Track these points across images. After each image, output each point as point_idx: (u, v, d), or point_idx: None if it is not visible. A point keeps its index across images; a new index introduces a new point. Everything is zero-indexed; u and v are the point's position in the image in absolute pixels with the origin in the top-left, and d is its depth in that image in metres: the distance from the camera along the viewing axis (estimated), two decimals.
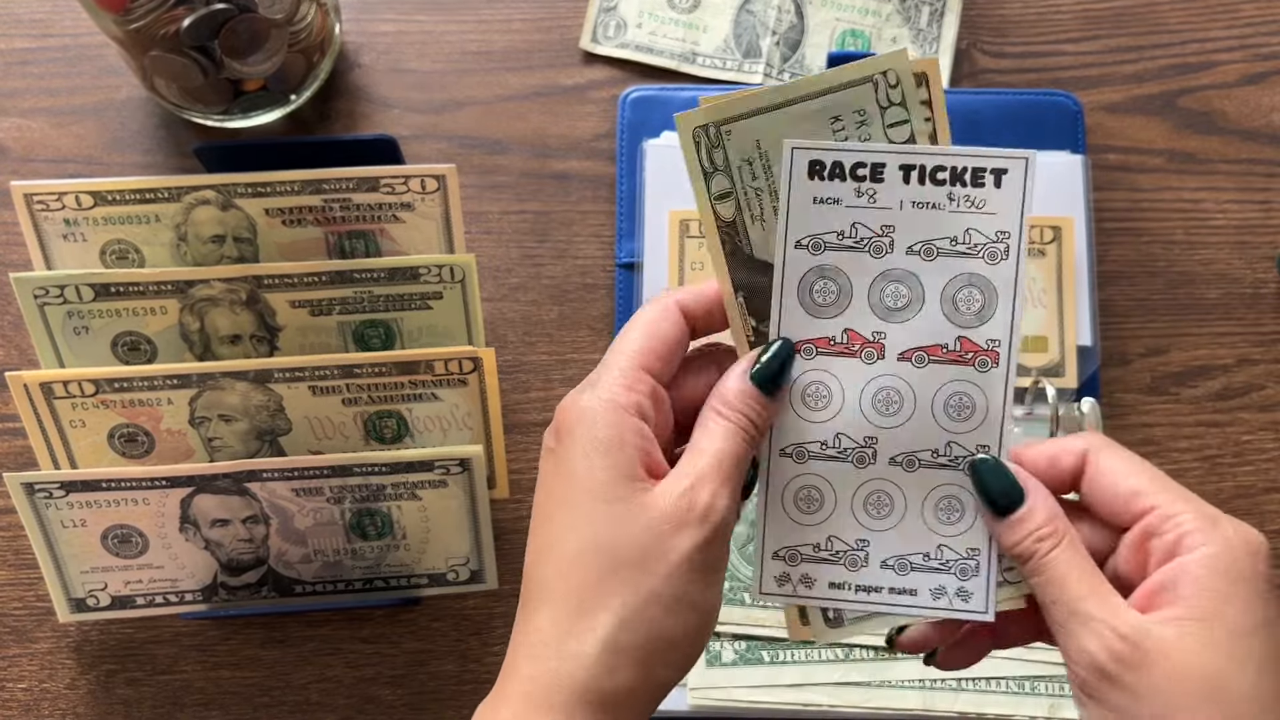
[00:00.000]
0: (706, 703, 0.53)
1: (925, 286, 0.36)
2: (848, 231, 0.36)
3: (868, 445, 0.37)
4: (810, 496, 0.38)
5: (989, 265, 0.36)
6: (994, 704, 0.53)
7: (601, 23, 0.68)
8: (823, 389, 0.37)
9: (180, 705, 0.57)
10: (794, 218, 0.36)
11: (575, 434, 0.36)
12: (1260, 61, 0.68)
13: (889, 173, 0.35)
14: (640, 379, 0.37)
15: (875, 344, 0.37)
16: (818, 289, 0.36)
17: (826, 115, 0.35)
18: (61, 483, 0.53)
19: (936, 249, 0.36)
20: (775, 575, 0.38)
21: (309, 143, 0.60)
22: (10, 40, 0.68)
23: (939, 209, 0.35)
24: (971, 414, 0.37)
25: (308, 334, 0.57)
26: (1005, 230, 0.35)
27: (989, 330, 0.36)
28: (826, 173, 0.35)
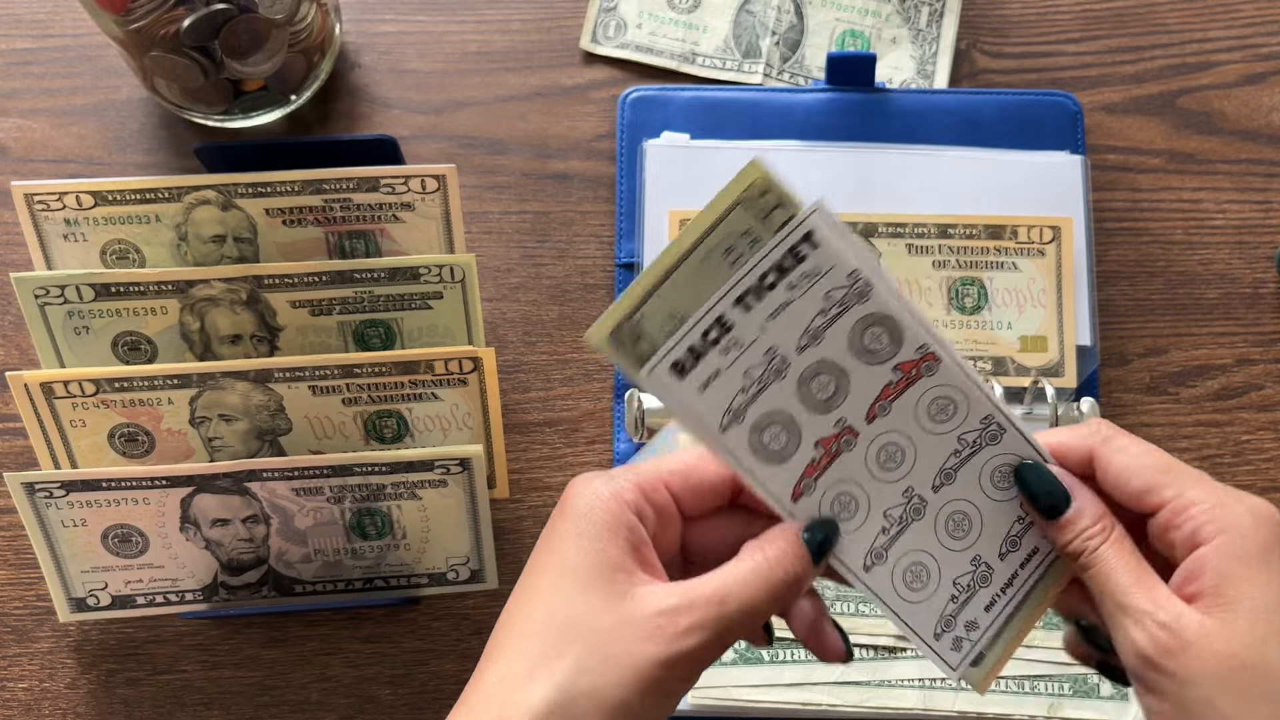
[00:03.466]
0: (706, 702, 0.53)
1: (836, 360, 0.37)
2: (745, 384, 0.36)
3: (909, 497, 0.38)
4: (916, 574, 0.38)
5: (866, 303, 0.36)
6: (993, 703, 0.53)
7: (601, 23, 0.68)
8: (847, 499, 0.38)
9: (180, 705, 0.57)
10: (701, 415, 0.36)
11: (574, 513, 0.37)
12: (1260, 61, 0.68)
13: (730, 315, 0.35)
14: (657, 490, 0.37)
15: (844, 431, 0.37)
16: (768, 441, 0.37)
17: (719, 253, 0.35)
18: (62, 482, 0.53)
19: (818, 330, 0.36)
20: (951, 647, 0.39)
21: (309, 143, 0.60)
22: (11, 40, 0.68)
23: (792, 303, 0.36)
24: (954, 407, 0.38)
25: (308, 334, 0.57)
26: (853, 270, 0.36)
27: (911, 344, 0.37)
28: (688, 363, 0.36)
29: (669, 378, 0.35)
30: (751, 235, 0.35)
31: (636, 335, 0.35)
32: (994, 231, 0.60)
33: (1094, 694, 0.53)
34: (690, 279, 0.35)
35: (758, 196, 0.35)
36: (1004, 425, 0.38)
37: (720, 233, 0.35)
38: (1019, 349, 0.55)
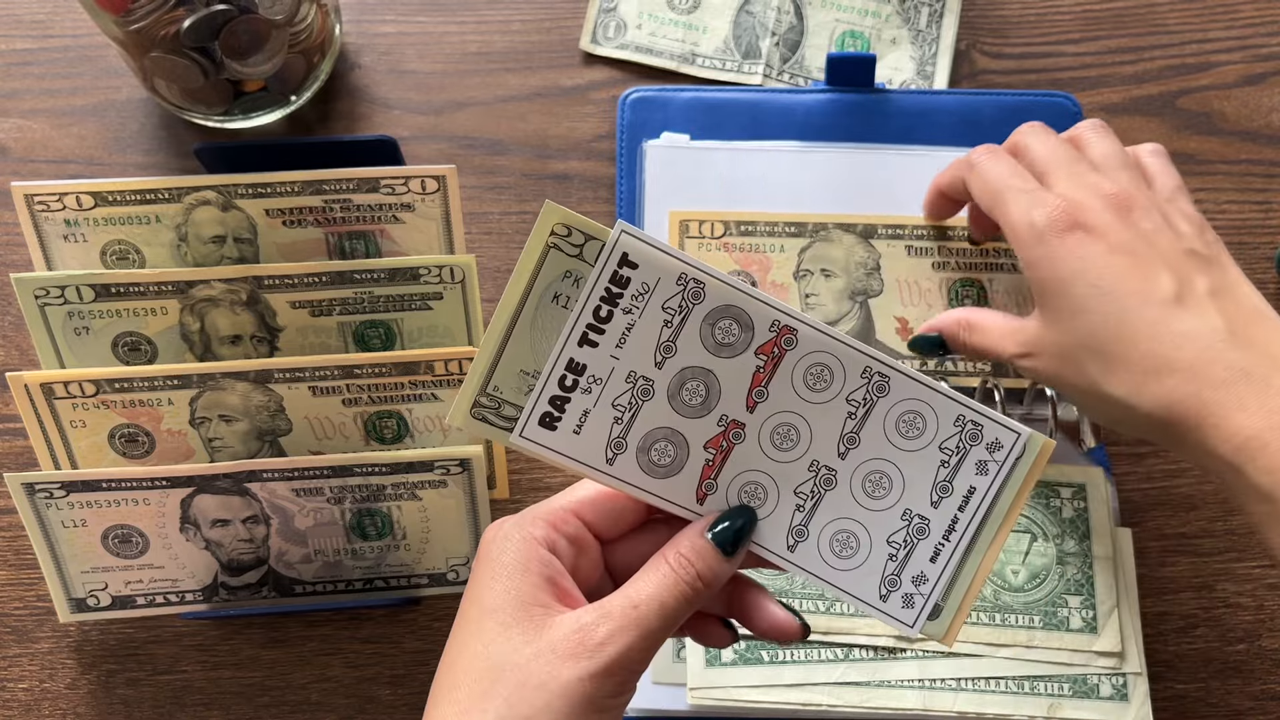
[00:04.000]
0: (706, 702, 0.53)
1: (697, 363, 0.37)
2: (617, 414, 0.37)
3: (815, 470, 0.38)
4: (844, 542, 0.39)
5: (703, 301, 0.36)
6: (993, 704, 0.53)
7: (601, 24, 0.68)
8: (754, 488, 0.38)
9: (180, 705, 0.57)
10: (584, 456, 0.37)
11: (487, 558, 0.37)
12: (1259, 62, 0.68)
13: (580, 356, 0.36)
14: (566, 520, 0.38)
15: (729, 426, 0.38)
16: (656, 459, 0.38)
17: (548, 301, 0.36)
18: (62, 483, 0.53)
19: (669, 342, 0.37)
20: (902, 605, 0.39)
21: (309, 143, 0.60)
22: (11, 41, 0.68)
23: (634, 325, 0.36)
24: (829, 371, 0.38)
25: (308, 334, 0.57)
26: (679, 274, 0.36)
27: (762, 325, 0.37)
28: (555, 413, 0.37)
29: (541, 433, 0.36)
30: (573, 276, 0.36)
31: (497, 404, 0.36)
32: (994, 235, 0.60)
33: (1094, 694, 0.53)
34: (529, 335, 0.36)
35: (565, 236, 0.36)
36: (885, 372, 0.38)
37: (541, 283, 0.36)
38: None
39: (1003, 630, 0.54)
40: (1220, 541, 0.59)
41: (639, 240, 0.36)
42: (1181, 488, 0.60)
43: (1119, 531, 0.56)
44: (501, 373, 0.36)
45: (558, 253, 0.36)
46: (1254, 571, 0.59)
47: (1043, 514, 0.57)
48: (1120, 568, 0.56)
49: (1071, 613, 0.55)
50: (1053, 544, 0.56)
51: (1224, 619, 0.58)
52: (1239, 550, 0.59)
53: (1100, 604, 0.55)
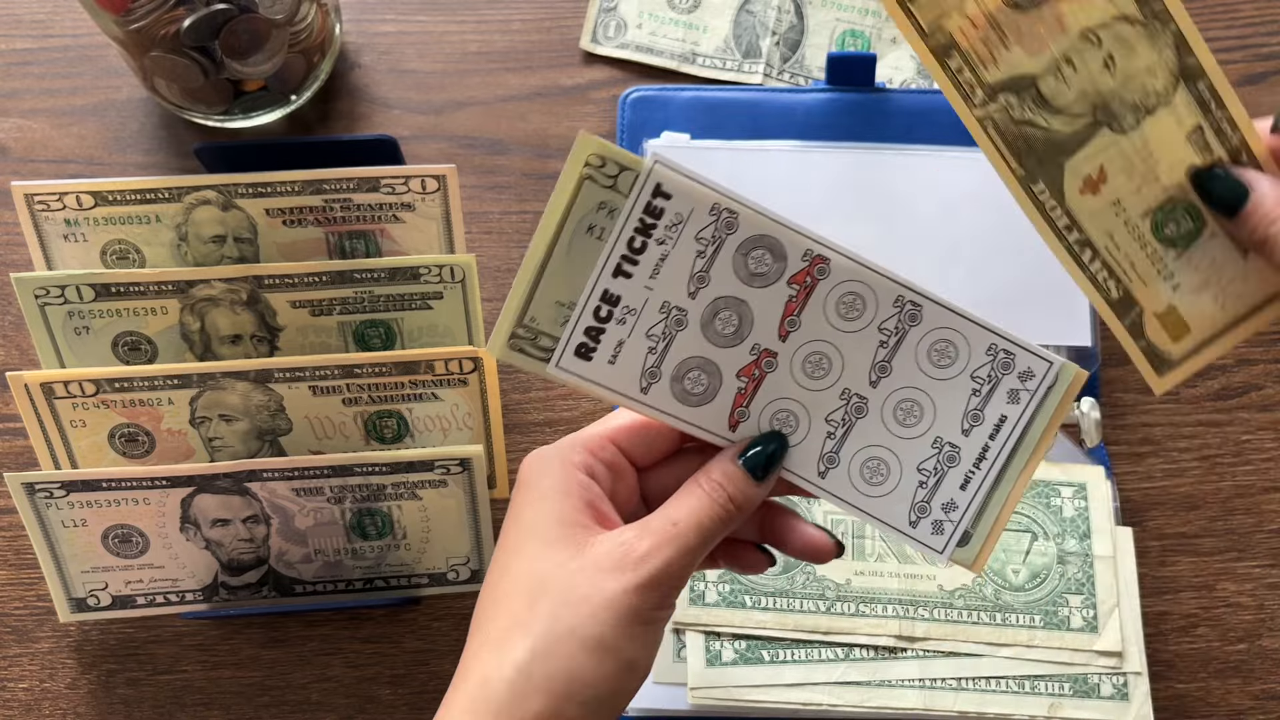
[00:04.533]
0: (706, 702, 0.53)
1: (730, 293, 0.37)
2: (652, 345, 0.37)
3: (847, 398, 0.38)
4: (874, 469, 0.39)
5: (736, 231, 0.36)
6: (994, 703, 0.53)
7: (601, 23, 0.68)
8: (785, 415, 0.38)
9: (181, 705, 0.57)
10: (619, 386, 0.37)
11: (528, 483, 0.38)
12: (1260, 61, 0.68)
13: (614, 287, 0.36)
14: (603, 446, 0.39)
15: (762, 355, 0.38)
16: (690, 387, 0.38)
17: (583, 232, 0.36)
18: (62, 483, 0.53)
19: (702, 272, 0.37)
20: (931, 531, 0.39)
21: (309, 143, 0.60)
22: (11, 41, 0.68)
23: (667, 256, 0.36)
24: (862, 301, 0.38)
25: (308, 334, 0.57)
26: (712, 204, 0.36)
27: (795, 255, 0.37)
28: (591, 343, 0.37)
29: (577, 363, 0.37)
30: (607, 207, 0.36)
31: (533, 335, 0.36)
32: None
33: (1094, 694, 0.53)
34: (565, 266, 0.36)
35: (599, 167, 0.35)
36: (918, 301, 0.38)
37: (576, 214, 0.36)
38: None
39: (1003, 630, 0.54)
40: (1220, 541, 0.59)
41: (673, 171, 0.36)
42: (1182, 487, 0.60)
43: (1119, 531, 0.56)
44: (538, 304, 0.36)
45: (592, 184, 0.35)
46: (1254, 571, 0.59)
47: (1043, 513, 0.57)
48: (1120, 567, 0.56)
49: (1072, 612, 0.55)
50: (1053, 543, 0.56)
51: (1224, 619, 0.58)
52: (1239, 550, 0.59)
53: (1101, 603, 0.55)
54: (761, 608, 0.55)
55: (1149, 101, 0.40)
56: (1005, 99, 0.39)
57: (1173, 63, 0.39)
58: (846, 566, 0.55)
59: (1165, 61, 0.39)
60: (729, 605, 0.55)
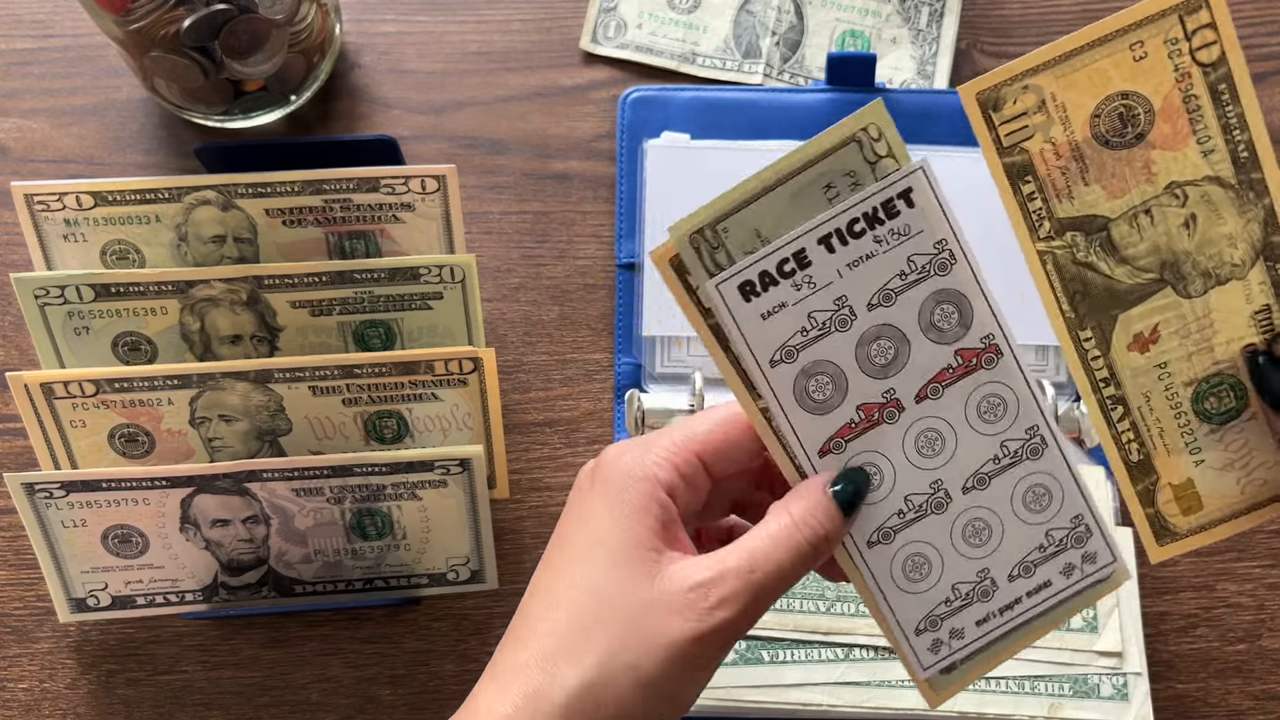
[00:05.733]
0: (706, 702, 0.53)
1: (902, 328, 0.36)
2: (807, 326, 0.35)
3: (936, 490, 0.37)
4: (917, 565, 0.38)
5: (945, 277, 0.36)
6: (994, 704, 0.53)
7: (601, 23, 0.68)
8: (873, 470, 0.37)
9: (181, 705, 0.57)
10: (755, 343, 0.35)
11: (607, 487, 0.36)
12: (1259, 62, 0.68)
13: (812, 252, 0.35)
14: (689, 462, 0.37)
15: (890, 403, 0.36)
16: (812, 389, 0.36)
17: (819, 186, 0.35)
18: (62, 483, 0.53)
19: (892, 291, 0.36)
20: (929, 648, 0.38)
21: (309, 143, 0.60)
22: (11, 41, 0.68)
23: (874, 256, 0.35)
24: (1005, 408, 0.37)
25: (308, 334, 0.57)
26: (940, 239, 0.35)
27: (978, 331, 0.36)
28: (758, 287, 0.35)
29: (735, 296, 0.35)
30: (854, 177, 0.34)
31: (716, 245, 0.35)
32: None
33: (1094, 694, 0.53)
34: (783, 203, 0.35)
35: (874, 139, 0.34)
36: (1047, 439, 0.37)
37: (825, 165, 0.34)
38: None
39: None
40: (1221, 541, 0.59)
41: (930, 185, 0.35)
42: None
43: (1119, 531, 0.56)
44: (739, 220, 0.35)
45: (856, 148, 0.34)
46: (1254, 571, 0.59)
47: None
48: None
49: None
50: None
51: (1224, 619, 0.58)
52: (1239, 550, 0.59)
53: (1100, 604, 0.55)
54: None
55: (1222, 271, 0.38)
56: (1072, 237, 0.37)
57: (1257, 237, 0.38)
58: None
59: (1249, 234, 0.37)
60: None
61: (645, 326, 0.60)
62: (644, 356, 0.61)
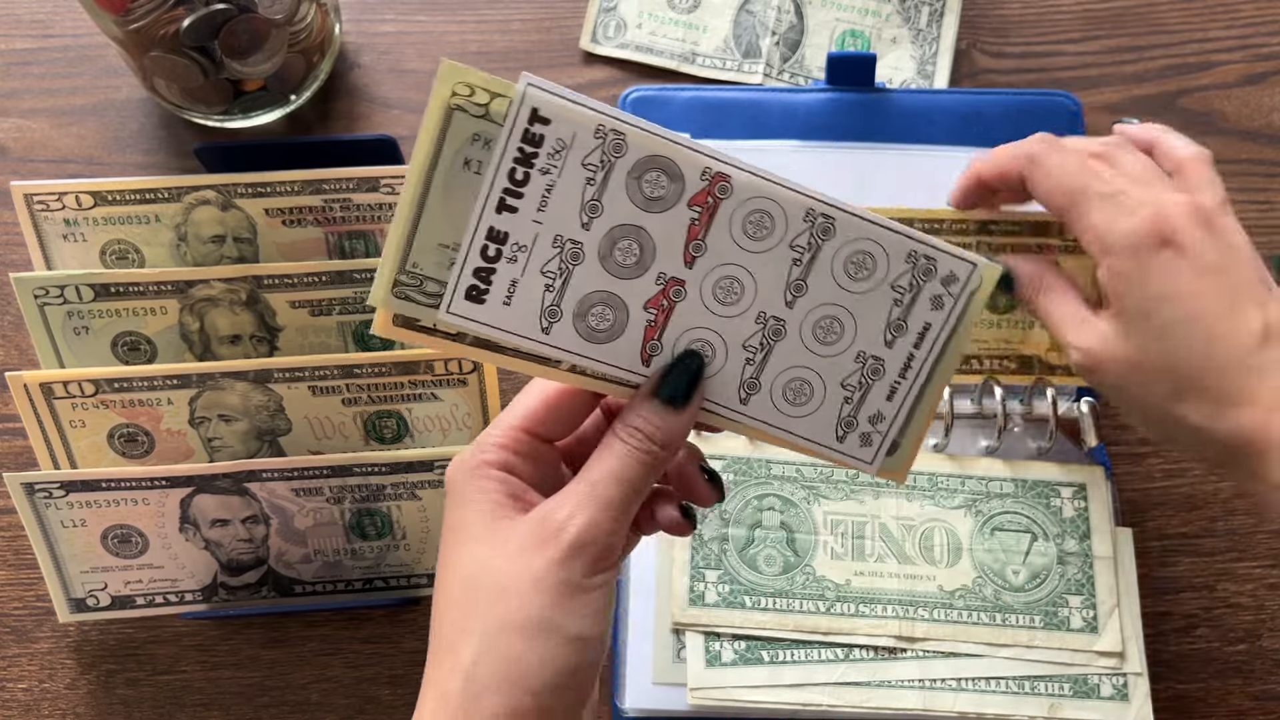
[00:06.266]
0: (706, 703, 0.53)
1: (626, 220, 0.35)
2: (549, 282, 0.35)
3: (763, 322, 0.36)
4: (797, 390, 0.37)
5: (625, 154, 0.34)
6: (993, 704, 0.53)
7: (601, 23, 0.68)
8: (700, 345, 0.36)
9: (180, 705, 0.57)
10: (518, 327, 0.35)
11: (451, 489, 0.37)
12: (1260, 62, 0.68)
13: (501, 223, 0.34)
14: (517, 439, 0.37)
15: (668, 284, 0.36)
16: (595, 323, 0.36)
17: (459, 169, 0.33)
18: (61, 483, 0.53)
19: (593, 200, 0.34)
20: (860, 444, 0.38)
21: (309, 143, 0.60)
22: (11, 41, 0.68)
23: (555, 185, 0.34)
24: (769, 218, 0.36)
25: (308, 334, 0.57)
26: (595, 126, 0.34)
27: (692, 174, 0.35)
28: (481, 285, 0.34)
29: (469, 307, 0.34)
30: (482, 139, 0.33)
31: (419, 281, 0.34)
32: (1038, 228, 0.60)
33: (1094, 694, 0.53)
34: (443, 205, 0.33)
35: (468, 96, 0.33)
36: (830, 213, 0.36)
37: (449, 149, 0.33)
38: (1048, 348, 0.55)
39: (1003, 630, 0.54)
40: (1221, 541, 0.59)
41: (548, 94, 0.33)
42: (1182, 487, 0.60)
43: (1119, 531, 0.56)
44: (419, 248, 0.34)
45: (462, 114, 0.33)
46: (1254, 571, 0.59)
47: (1043, 514, 0.56)
48: (1121, 567, 0.56)
49: (1072, 613, 0.55)
50: (1053, 544, 0.56)
51: (1224, 619, 0.58)
52: (1240, 550, 0.59)
53: (1101, 604, 0.55)
54: (761, 608, 0.54)
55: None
56: None
57: None
58: (846, 567, 0.55)
59: None
60: (729, 606, 0.55)
61: None
62: None
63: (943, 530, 0.56)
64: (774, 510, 0.56)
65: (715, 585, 0.55)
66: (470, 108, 0.33)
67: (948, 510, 0.56)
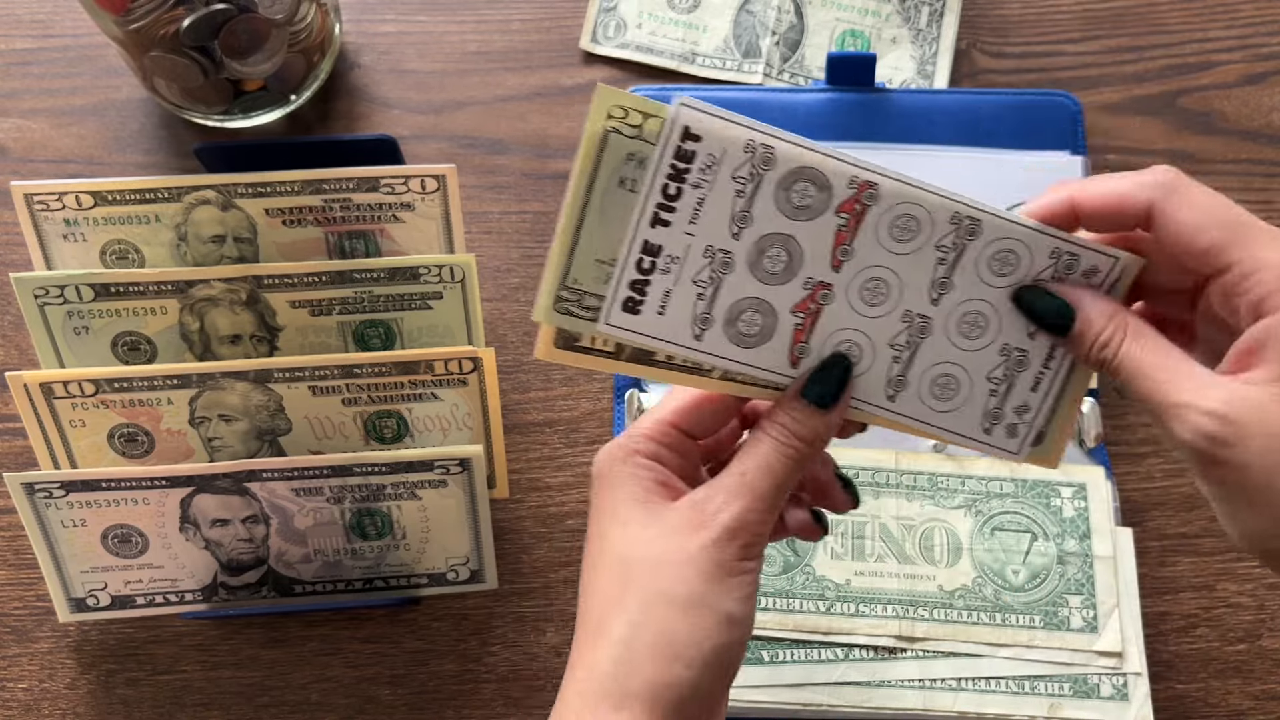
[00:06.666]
0: None
1: (775, 229, 0.36)
2: (700, 291, 0.36)
3: (910, 320, 0.38)
4: (944, 385, 0.39)
5: (774, 167, 0.36)
6: (993, 704, 0.53)
7: (601, 23, 0.68)
8: (848, 346, 0.38)
9: (180, 705, 0.57)
10: (671, 337, 0.37)
11: (600, 476, 0.39)
12: (1260, 62, 0.68)
13: (655, 237, 0.36)
14: (665, 432, 0.39)
15: (815, 288, 0.37)
16: (745, 329, 0.37)
17: (614, 188, 0.35)
18: (61, 483, 0.53)
19: (743, 212, 0.36)
20: (1007, 435, 0.40)
21: (309, 143, 0.60)
22: (11, 41, 0.68)
23: (706, 199, 0.36)
24: (916, 222, 0.37)
25: (308, 334, 0.57)
26: (745, 141, 0.35)
27: (840, 183, 0.36)
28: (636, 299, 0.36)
29: (626, 318, 0.36)
30: (636, 158, 0.35)
31: (578, 296, 0.36)
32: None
33: (1094, 694, 0.53)
34: (600, 224, 0.35)
35: (622, 119, 0.35)
36: (975, 216, 0.37)
37: (605, 170, 0.35)
38: None
39: (1003, 630, 0.54)
40: (1221, 541, 0.59)
41: (700, 112, 0.35)
42: (1182, 487, 0.60)
43: (1119, 531, 0.56)
44: (578, 265, 0.36)
45: (618, 136, 0.35)
46: (1254, 571, 0.59)
47: (1043, 513, 0.57)
48: (1120, 567, 0.56)
49: (1072, 612, 0.55)
50: (1053, 543, 0.56)
51: (1224, 619, 0.58)
52: (1239, 550, 0.59)
53: (1101, 604, 0.55)
54: (761, 608, 0.54)
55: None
56: None
57: None
58: (846, 567, 0.55)
59: None
60: None
61: None
62: None
63: (943, 530, 0.56)
64: None
65: None
66: (625, 129, 0.35)
67: (948, 510, 0.56)
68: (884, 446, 0.58)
